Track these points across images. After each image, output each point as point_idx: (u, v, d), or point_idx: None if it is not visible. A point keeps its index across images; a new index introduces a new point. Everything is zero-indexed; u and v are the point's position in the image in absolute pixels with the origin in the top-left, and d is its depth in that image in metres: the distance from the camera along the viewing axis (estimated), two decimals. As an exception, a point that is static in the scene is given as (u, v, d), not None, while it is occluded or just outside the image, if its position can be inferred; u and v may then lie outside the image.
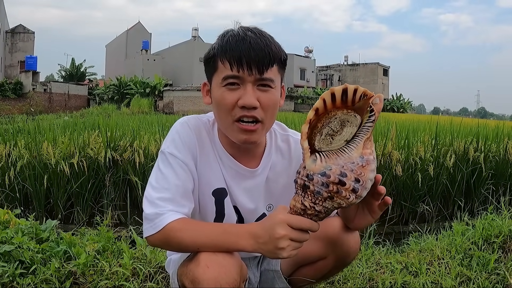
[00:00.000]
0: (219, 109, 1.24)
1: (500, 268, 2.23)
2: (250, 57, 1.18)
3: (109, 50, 56.27)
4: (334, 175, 0.99)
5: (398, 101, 48.82)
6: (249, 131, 1.23)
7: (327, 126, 1.04)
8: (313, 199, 1.03)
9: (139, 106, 30.43)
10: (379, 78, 52.49)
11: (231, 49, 1.19)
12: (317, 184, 1.01)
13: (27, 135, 5.97)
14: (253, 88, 1.20)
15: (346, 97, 1.01)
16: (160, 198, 1.21)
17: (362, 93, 1.00)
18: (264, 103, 1.22)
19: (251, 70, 1.18)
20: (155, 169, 1.29)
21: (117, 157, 5.39)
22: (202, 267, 1.12)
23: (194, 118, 1.37)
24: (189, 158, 1.29)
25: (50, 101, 35.02)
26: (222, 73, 1.21)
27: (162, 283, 1.96)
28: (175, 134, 1.31)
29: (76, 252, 2.03)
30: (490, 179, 5.75)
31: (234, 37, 1.21)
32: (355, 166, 1.00)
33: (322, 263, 1.42)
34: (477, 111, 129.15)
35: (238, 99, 1.20)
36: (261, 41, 1.20)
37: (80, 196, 5.13)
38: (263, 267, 1.53)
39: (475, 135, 6.27)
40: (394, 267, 2.23)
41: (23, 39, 38.48)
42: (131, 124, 8.89)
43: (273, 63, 1.22)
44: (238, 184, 1.36)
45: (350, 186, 1.00)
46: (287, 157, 1.42)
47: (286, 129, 1.47)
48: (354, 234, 1.38)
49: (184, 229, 1.17)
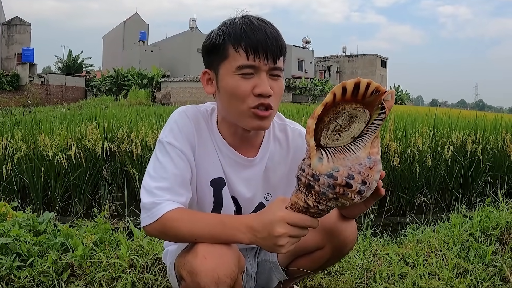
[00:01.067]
0: (232, 98, 1.22)
1: (497, 260, 2.24)
2: (267, 46, 1.17)
3: (106, 41, 55.95)
4: (341, 178, 0.96)
5: (397, 93, 48.81)
6: (264, 117, 1.22)
7: (334, 121, 0.99)
8: (317, 198, 1.00)
9: (137, 98, 30.30)
10: (377, 69, 52.40)
11: (247, 37, 1.18)
12: (323, 185, 0.98)
13: (24, 127, 5.95)
14: (267, 76, 1.20)
15: (357, 92, 0.95)
16: (157, 187, 1.20)
17: (374, 88, 0.95)
18: (276, 91, 1.22)
19: (267, 59, 1.18)
20: (153, 158, 1.28)
21: (115, 149, 5.39)
22: (200, 258, 1.11)
23: (192, 107, 1.36)
24: (187, 147, 1.28)
25: (47, 93, 34.84)
26: (236, 62, 1.19)
27: (160, 274, 1.95)
28: (173, 124, 1.30)
29: (73, 244, 2.02)
30: (487, 171, 5.77)
31: (247, 25, 1.19)
32: (362, 167, 0.97)
33: (319, 253, 1.42)
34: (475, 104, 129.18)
35: (253, 88, 1.19)
36: (273, 30, 1.21)
37: (77, 188, 5.13)
38: (260, 257, 1.53)
39: (473, 127, 6.28)
40: (391, 258, 2.23)
41: (20, 31, 38.17)
42: (128, 116, 8.86)
43: (284, 52, 1.23)
44: (237, 173, 1.36)
45: (356, 188, 0.97)
46: (285, 147, 1.42)
47: (283, 119, 1.47)
48: (351, 224, 1.38)
49: (181, 219, 1.16)
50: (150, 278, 1.91)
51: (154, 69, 36.52)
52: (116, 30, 53.03)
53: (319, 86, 38.45)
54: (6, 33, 37.90)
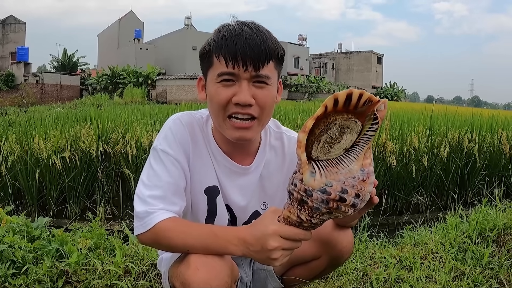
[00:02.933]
0: (213, 105, 1.22)
1: (494, 262, 2.23)
2: (245, 54, 1.14)
3: (101, 39, 55.65)
4: (334, 192, 0.95)
5: (392, 89, 48.95)
6: (243, 128, 1.20)
7: (325, 133, 0.96)
8: (311, 213, 0.99)
9: (132, 96, 30.23)
10: (373, 66, 52.42)
11: (226, 45, 1.16)
12: (316, 201, 0.96)
13: (18, 129, 5.90)
14: (249, 84, 1.17)
15: (349, 102, 0.92)
16: (151, 196, 1.19)
17: (367, 98, 0.93)
18: (260, 100, 1.19)
19: (246, 67, 1.15)
20: (147, 166, 1.27)
21: (109, 150, 5.36)
22: (192, 269, 1.10)
23: (187, 114, 1.34)
24: (182, 155, 1.27)
25: (43, 92, 34.68)
26: (217, 69, 1.18)
27: (155, 280, 1.94)
28: (168, 131, 1.28)
29: (68, 250, 2.01)
30: (484, 170, 5.77)
31: (229, 32, 1.18)
32: (356, 181, 0.95)
33: (315, 263, 1.41)
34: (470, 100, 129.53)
35: (233, 96, 1.17)
36: (257, 36, 1.17)
37: (72, 190, 5.10)
38: (255, 266, 1.52)
39: (469, 126, 6.29)
40: (388, 262, 2.23)
41: (14, 30, 37.89)
42: (123, 116, 8.82)
43: (270, 59, 1.18)
44: (231, 181, 1.34)
45: (350, 202, 0.96)
46: (281, 155, 1.40)
47: (280, 127, 1.45)
48: (347, 233, 1.37)
49: (174, 230, 1.15)
50: (145, 285, 1.90)
51: (149, 67, 36.38)
52: (111, 28, 52.74)
53: (315, 83, 38.45)
54: (1, 32, 37.61)
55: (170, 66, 40.65)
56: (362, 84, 48.50)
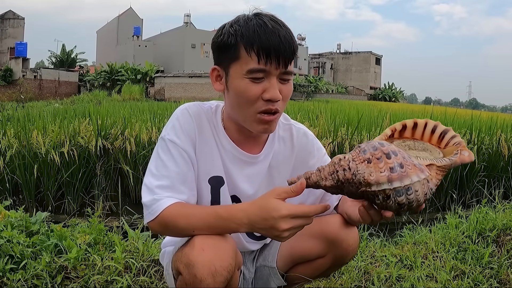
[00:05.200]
0: (240, 100, 1.21)
1: (494, 262, 2.24)
2: (279, 52, 1.15)
3: (100, 36, 55.59)
4: (387, 149, 1.00)
5: (390, 90, 49.06)
6: (270, 121, 1.22)
7: (411, 141, 1.10)
8: (356, 155, 1.03)
9: (130, 93, 30.19)
10: (371, 67, 52.55)
11: (260, 41, 1.15)
12: (368, 144, 1.02)
13: (17, 123, 5.87)
14: (277, 81, 1.19)
15: (443, 138, 1.09)
16: (158, 186, 1.20)
17: (457, 141, 1.07)
18: (285, 95, 1.22)
19: (278, 65, 1.16)
20: (154, 156, 1.27)
21: (108, 146, 5.35)
22: (197, 249, 1.10)
23: (195, 105, 1.35)
24: (189, 145, 1.27)
25: (40, 88, 34.59)
26: (247, 65, 1.17)
27: (155, 276, 1.93)
28: (175, 121, 1.29)
29: (67, 245, 1.99)
30: (482, 171, 5.78)
31: (261, 27, 1.16)
32: (408, 160, 1.00)
33: (320, 262, 1.40)
34: (468, 102, 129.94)
35: (262, 92, 1.18)
36: (286, 33, 1.18)
37: (70, 186, 5.08)
38: (258, 263, 1.51)
39: (468, 127, 6.30)
40: (389, 260, 2.22)
41: (13, 25, 37.74)
42: (122, 112, 8.79)
43: (295, 55, 1.21)
44: (239, 170, 1.35)
45: (392, 163, 0.98)
46: (289, 146, 1.42)
47: (288, 119, 1.46)
48: (353, 233, 1.36)
49: (179, 213, 1.16)
50: (145, 281, 1.88)
51: (147, 65, 36.36)
52: (110, 25, 52.70)
53: (313, 83, 38.50)
54: (-1, 27, 37.49)
55: (169, 64, 40.63)
56: (360, 85, 48.62)
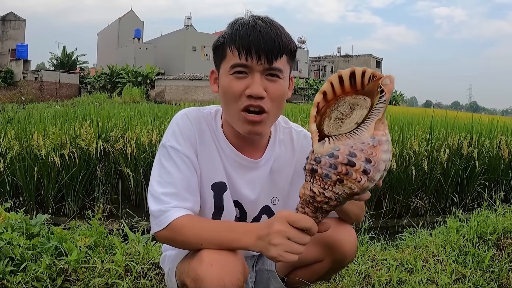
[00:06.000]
0: (226, 97, 1.22)
1: (495, 265, 2.23)
2: (259, 46, 1.15)
3: (101, 38, 55.63)
4: (342, 155, 0.94)
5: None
6: (254, 122, 1.20)
7: (336, 110, 1.02)
8: (322, 183, 0.97)
9: (131, 95, 30.21)
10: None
11: (240, 37, 1.17)
12: (324, 166, 0.96)
13: (17, 125, 5.87)
14: (261, 77, 1.18)
15: (355, 81, 0.98)
16: (164, 194, 1.20)
17: (370, 74, 0.97)
18: (272, 93, 1.20)
19: (260, 59, 1.16)
20: (157, 163, 1.27)
21: (109, 148, 5.34)
22: (205, 264, 1.09)
23: (194, 110, 1.35)
24: (191, 150, 1.28)
25: (41, 90, 34.59)
26: (231, 61, 1.19)
27: (156, 280, 1.92)
28: (175, 127, 1.29)
29: (67, 248, 1.98)
30: (482, 175, 5.78)
31: (244, 25, 1.19)
32: (365, 146, 0.95)
33: (318, 266, 1.41)
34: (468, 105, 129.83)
35: (246, 88, 1.18)
36: (271, 30, 1.18)
37: (71, 188, 5.07)
38: (258, 266, 1.51)
39: (469, 130, 6.30)
40: (389, 264, 2.22)
41: (14, 27, 37.78)
42: (122, 114, 8.79)
43: (283, 53, 1.19)
44: (241, 175, 1.34)
45: (360, 167, 0.93)
46: (290, 149, 1.41)
47: (288, 122, 1.46)
48: (350, 236, 1.36)
49: (189, 226, 1.16)
50: (146, 284, 1.88)
51: (148, 67, 36.36)
52: (111, 27, 52.73)
53: (314, 86, 38.47)
54: (0, 28, 37.49)
55: (169, 66, 40.62)
56: (361, 88, 48.47)
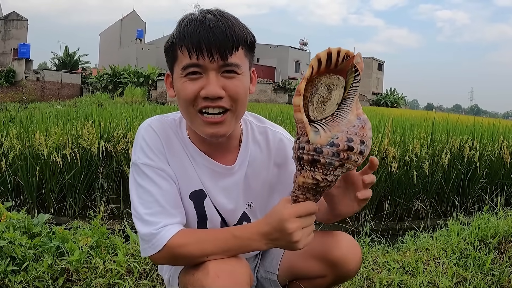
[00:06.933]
0: (180, 101, 1.14)
1: (496, 269, 2.23)
2: (210, 42, 1.06)
3: (103, 38, 55.76)
4: (342, 143, 0.97)
5: (392, 96, 49.00)
6: (215, 123, 1.13)
7: (316, 94, 1.02)
8: (325, 171, 1.00)
9: (133, 96, 30.28)
10: (373, 72, 52.48)
11: (189, 35, 1.07)
12: (327, 156, 0.97)
13: (19, 125, 5.88)
14: (217, 76, 1.10)
15: (331, 62, 0.99)
16: (149, 214, 1.14)
17: (345, 54, 0.98)
18: (231, 91, 1.11)
19: (212, 57, 1.07)
20: (133, 184, 1.20)
21: (111, 148, 5.34)
22: (212, 276, 1.06)
23: (157, 119, 1.26)
24: (164, 162, 1.21)
25: (43, 90, 34.69)
26: (182, 62, 1.10)
27: (157, 280, 1.92)
28: (142, 141, 1.21)
29: (69, 248, 1.99)
30: (484, 178, 5.77)
31: (192, 21, 1.09)
32: (357, 129, 0.99)
33: (320, 281, 1.36)
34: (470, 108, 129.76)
35: (201, 89, 1.09)
36: (222, 23, 1.08)
37: (72, 188, 5.07)
38: (259, 274, 1.48)
39: (470, 134, 6.29)
40: (391, 267, 2.22)
41: (16, 27, 37.92)
42: (124, 115, 8.80)
43: (237, 46, 1.10)
44: (215, 183, 1.27)
45: (357, 149, 0.98)
46: (265, 151, 1.33)
47: (263, 121, 1.37)
48: (356, 255, 1.31)
49: (188, 243, 1.11)
50: (148, 285, 1.88)
51: (149, 68, 36.44)
52: (113, 28, 52.89)
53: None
54: (3, 28, 37.62)
55: (171, 67, 40.66)
56: (362, 90, 48.51)
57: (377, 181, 5.38)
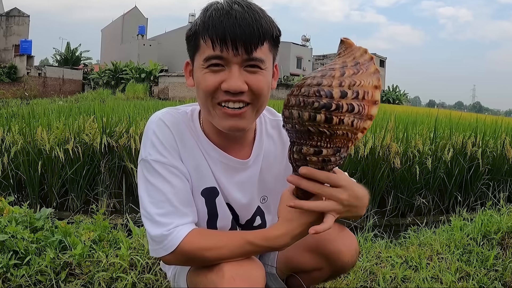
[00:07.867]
0: (200, 93, 1.10)
1: (499, 264, 2.24)
2: (235, 35, 1.02)
3: (105, 34, 55.71)
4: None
5: (394, 93, 48.89)
6: (235, 115, 1.09)
7: None
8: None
9: (134, 92, 30.30)
10: (375, 69, 52.38)
11: (213, 25, 1.03)
12: None
13: (21, 120, 5.89)
14: (240, 70, 1.06)
15: None
16: (160, 214, 1.10)
17: None
18: (254, 87, 1.07)
19: (237, 50, 1.03)
20: (143, 181, 1.15)
21: (113, 143, 5.34)
22: (227, 279, 1.04)
23: (168, 113, 1.21)
24: (177, 159, 1.16)
25: (45, 86, 34.73)
26: (205, 53, 1.07)
27: (161, 274, 1.92)
28: (153, 137, 1.16)
29: (71, 242, 1.98)
30: (486, 174, 5.77)
31: (218, 11, 1.05)
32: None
33: (317, 273, 1.36)
34: (472, 106, 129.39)
35: (222, 82, 1.06)
36: (249, 15, 1.03)
37: (74, 183, 5.07)
38: None
39: (473, 130, 6.28)
40: (394, 261, 2.22)
41: (18, 23, 37.90)
42: (127, 110, 8.81)
43: (263, 41, 1.06)
44: (230, 178, 1.24)
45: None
46: (279, 144, 1.31)
47: (275, 114, 1.34)
48: (350, 246, 1.30)
49: (204, 245, 1.09)
50: (151, 279, 1.88)
51: (151, 64, 36.44)
52: (115, 24, 52.83)
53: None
54: (5, 24, 37.61)
55: (173, 63, 40.65)
56: (365, 86, 48.34)
57: (379, 177, 5.42)
